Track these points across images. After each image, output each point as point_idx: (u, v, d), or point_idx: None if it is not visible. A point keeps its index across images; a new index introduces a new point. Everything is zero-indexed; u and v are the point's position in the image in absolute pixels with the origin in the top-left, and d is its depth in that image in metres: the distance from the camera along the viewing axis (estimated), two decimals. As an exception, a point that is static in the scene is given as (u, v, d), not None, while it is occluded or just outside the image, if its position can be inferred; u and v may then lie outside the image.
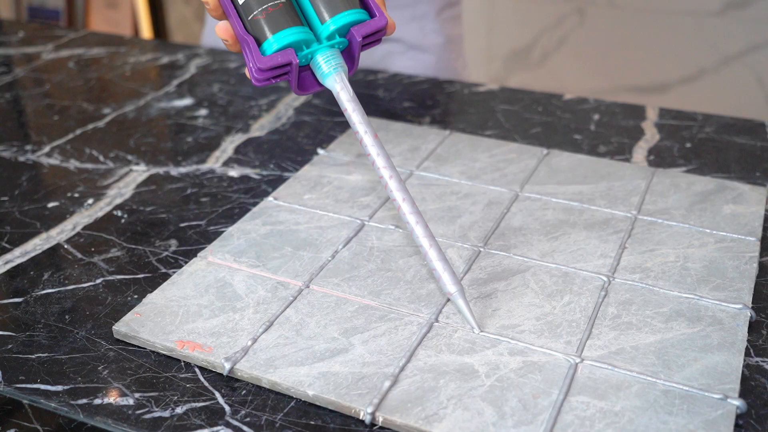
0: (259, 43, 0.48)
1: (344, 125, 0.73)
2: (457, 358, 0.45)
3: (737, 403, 0.42)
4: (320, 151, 0.68)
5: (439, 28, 0.92)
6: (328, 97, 0.80)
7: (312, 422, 0.42)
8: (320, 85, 0.50)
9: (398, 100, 0.80)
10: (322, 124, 0.74)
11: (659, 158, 0.68)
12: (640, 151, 0.69)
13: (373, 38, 0.50)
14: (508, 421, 0.41)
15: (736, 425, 0.42)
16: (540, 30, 1.91)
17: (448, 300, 0.49)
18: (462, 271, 0.52)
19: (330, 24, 0.48)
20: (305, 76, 0.50)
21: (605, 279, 0.51)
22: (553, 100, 0.79)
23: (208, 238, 0.57)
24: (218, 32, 0.48)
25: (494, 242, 0.55)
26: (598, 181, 0.62)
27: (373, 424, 0.42)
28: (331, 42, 0.49)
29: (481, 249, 0.54)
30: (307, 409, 0.43)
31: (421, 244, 0.47)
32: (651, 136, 0.72)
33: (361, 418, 0.42)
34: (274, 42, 0.47)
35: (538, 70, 1.93)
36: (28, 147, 0.72)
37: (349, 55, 0.50)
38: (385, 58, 0.92)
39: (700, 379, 0.43)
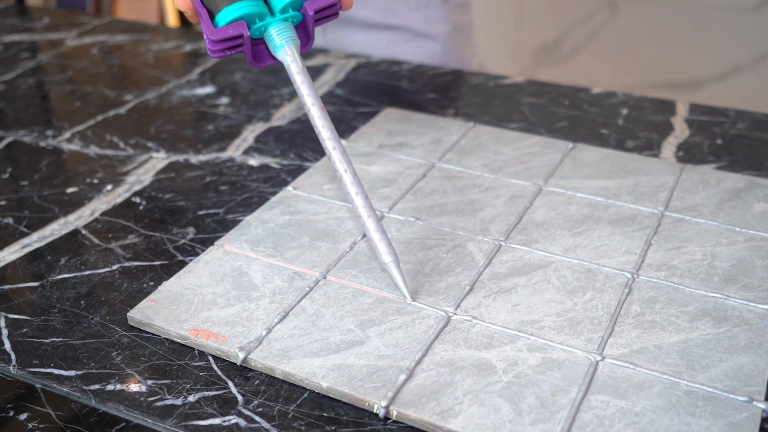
0: (212, 16, 0.50)
1: (366, 116, 0.73)
2: (475, 353, 0.44)
3: (763, 406, 0.41)
4: (342, 141, 0.67)
5: (446, 16, 0.93)
6: (351, 87, 0.80)
7: (325, 414, 0.42)
8: (275, 58, 0.52)
9: (422, 92, 0.79)
10: (345, 114, 0.74)
11: (689, 154, 0.67)
12: (668, 147, 0.68)
13: (328, 12, 0.52)
14: (525, 418, 0.40)
15: (761, 429, 0.41)
16: (569, 24, 1.89)
17: (467, 294, 0.49)
18: (482, 265, 0.51)
19: None
20: (261, 50, 0.52)
21: (629, 276, 0.50)
22: (580, 93, 0.78)
23: (225, 226, 0.57)
24: (177, 4, 0.51)
25: (516, 236, 0.54)
26: (625, 176, 0.61)
27: (386, 418, 0.41)
28: (284, 15, 0.51)
29: (503, 243, 0.54)
30: (321, 400, 0.43)
31: (360, 215, 0.48)
32: (681, 131, 0.71)
33: (374, 411, 0.41)
34: (226, 14, 0.49)
35: (566, 66, 1.92)
36: (50, 132, 0.72)
37: (304, 30, 0.52)
38: (390, 45, 0.92)
39: (725, 380, 0.42)
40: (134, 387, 0.43)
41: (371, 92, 0.79)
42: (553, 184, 0.61)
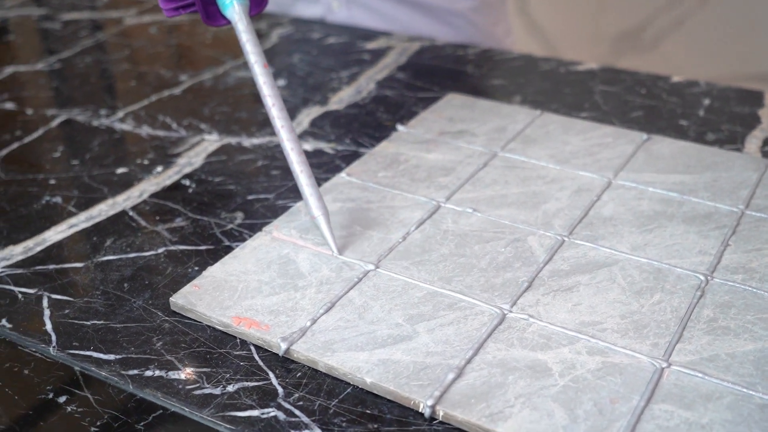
0: None
1: (427, 101, 0.72)
2: (530, 354, 0.43)
3: None
4: (400, 127, 0.67)
5: None
6: (414, 71, 0.79)
7: (368, 411, 0.41)
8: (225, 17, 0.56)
9: (488, 77, 0.78)
10: (405, 99, 0.74)
11: (776, 149, 0.64)
12: (753, 141, 0.65)
13: None
14: (580, 425, 0.39)
15: (844, 450, 0.39)
16: (654, 10, 1.84)
17: (525, 291, 0.48)
18: (542, 261, 0.50)
19: None
20: (215, 10, 0.56)
21: (702, 278, 0.48)
22: (659, 82, 0.76)
23: (275, 212, 0.57)
24: None
25: (580, 232, 0.53)
26: (703, 171, 0.59)
27: (432, 418, 0.41)
28: None
29: (566, 238, 0.52)
30: (364, 397, 0.42)
31: (294, 169, 0.52)
32: (768, 124, 0.68)
33: (420, 410, 0.41)
34: None
35: (649, 54, 1.87)
36: (103, 111, 0.74)
37: None
38: (413, 21, 0.93)
39: (805, 395, 0.40)
40: (173, 374, 0.44)
41: (434, 77, 0.78)
42: (624, 177, 0.59)
